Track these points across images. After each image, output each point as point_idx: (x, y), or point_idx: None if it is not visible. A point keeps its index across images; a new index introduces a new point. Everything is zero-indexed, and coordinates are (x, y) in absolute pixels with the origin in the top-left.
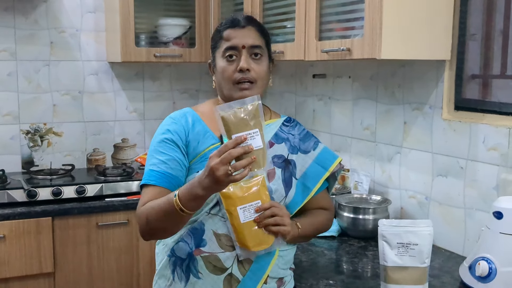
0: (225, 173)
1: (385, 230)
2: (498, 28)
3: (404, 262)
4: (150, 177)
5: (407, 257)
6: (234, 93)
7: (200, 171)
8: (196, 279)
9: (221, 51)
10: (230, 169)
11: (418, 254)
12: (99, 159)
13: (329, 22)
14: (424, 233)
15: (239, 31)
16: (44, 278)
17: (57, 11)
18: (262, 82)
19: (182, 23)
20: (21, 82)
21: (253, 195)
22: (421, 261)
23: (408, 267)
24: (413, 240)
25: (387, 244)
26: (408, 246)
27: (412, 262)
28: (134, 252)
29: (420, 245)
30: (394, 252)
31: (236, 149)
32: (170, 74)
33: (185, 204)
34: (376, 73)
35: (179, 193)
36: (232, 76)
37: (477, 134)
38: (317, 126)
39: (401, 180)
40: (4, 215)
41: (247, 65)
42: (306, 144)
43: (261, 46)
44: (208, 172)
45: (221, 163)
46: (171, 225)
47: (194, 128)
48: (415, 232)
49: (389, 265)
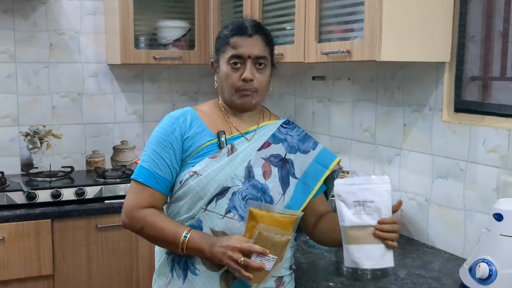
0: (235, 260)
1: (341, 189)
2: (498, 30)
3: (362, 221)
4: (139, 174)
5: (364, 215)
6: (235, 99)
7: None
8: (194, 276)
9: (227, 57)
10: (241, 259)
11: (376, 211)
12: (98, 161)
13: (328, 24)
14: (380, 190)
15: (246, 40)
16: (44, 280)
17: (57, 13)
18: (263, 90)
19: (182, 25)
20: (20, 84)
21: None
22: (379, 218)
23: (366, 226)
24: (369, 198)
25: (344, 204)
26: (365, 204)
27: (370, 220)
28: (134, 254)
29: (376, 202)
30: (351, 212)
31: (258, 248)
32: (170, 76)
33: (188, 249)
34: (376, 75)
35: (190, 239)
36: (236, 83)
37: (477, 136)
38: (317, 128)
39: (401, 182)
40: (4, 217)
41: (251, 75)
42: (306, 145)
43: (266, 56)
44: (225, 247)
45: (240, 250)
46: (162, 246)
47: (192, 126)
48: (371, 189)
49: (347, 225)
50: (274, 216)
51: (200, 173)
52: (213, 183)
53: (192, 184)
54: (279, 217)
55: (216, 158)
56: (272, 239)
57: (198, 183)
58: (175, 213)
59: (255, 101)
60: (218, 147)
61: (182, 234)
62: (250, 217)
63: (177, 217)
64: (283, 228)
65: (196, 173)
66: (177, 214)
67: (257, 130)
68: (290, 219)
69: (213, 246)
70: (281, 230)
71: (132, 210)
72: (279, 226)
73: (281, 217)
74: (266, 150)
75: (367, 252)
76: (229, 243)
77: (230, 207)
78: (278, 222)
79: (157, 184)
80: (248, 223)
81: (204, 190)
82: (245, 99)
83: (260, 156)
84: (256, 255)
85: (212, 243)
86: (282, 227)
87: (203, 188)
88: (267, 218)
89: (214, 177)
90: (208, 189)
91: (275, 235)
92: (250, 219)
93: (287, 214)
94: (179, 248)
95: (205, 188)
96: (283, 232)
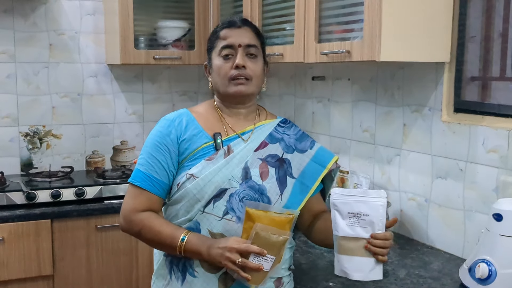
0: (233, 260)
1: (337, 199)
2: (497, 30)
3: (355, 233)
4: (136, 177)
5: (358, 227)
6: (229, 89)
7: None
8: (192, 278)
9: (218, 50)
10: (239, 260)
11: (369, 225)
12: (98, 161)
13: (328, 24)
14: (376, 204)
15: (235, 30)
16: (43, 280)
17: (56, 13)
18: (257, 80)
19: (181, 26)
20: (20, 84)
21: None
22: (372, 232)
23: (359, 238)
24: (364, 211)
25: (339, 214)
26: (359, 216)
27: (363, 233)
28: (133, 254)
29: (371, 215)
30: (345, 222)
31: (255, 248)
32: (169, 76)
33: (186, 252)
34: (376, 75)
35: (187, 241)
36: (228, 72)
37: (476, 136)
38: (317, 128)
39: (400, 182)
40: (3, 218)
41: (243, 62)
42: (303, 144)
43: (256, 46)
44: (222, 248)
45: (237, 250)
46: (160, 249)
47: (188, 129)
48: (366, 202)
49: (340, 235)
50: (271, 216)
51: (196, 175)
52: (210, 185)
53: (189, 187)
54: (276, 216)
55: (212, 160)
56: (270, 239)
57: (195, 185)
58: (172, 216)
59: (251, 91)
60: (214, 149)
61: (179, 237)
62: (247, 218)
63: (175, 220)
64: (280, 228)
65: (193, 175)
66: (175, 216)
67: (254, 130)
68: (287, 218)
69: (210, 248)
70: (278, 230)
71: (129, 214)
72: (276, 225)
73: (278, 217)
74: (263, 150)
75: (357, 264)
76: (226, 244)
77: (228, 209)
78: (275, 222)
79: (154, 188)
80: (245, 223)
81: (201, 193)
82: (239, 88)
83: (257, 157)
84: (254, 256)
85: (209, 245)
86: (279, 226)
87: (200, 190)
88: (264, 218)
89: (211, 179)
90: (205, 192)
91: (272, 235)
92: (247, 220)
93: (284, 213)
94: (177, 251)
95: (202, 191)
96: (280, 232)
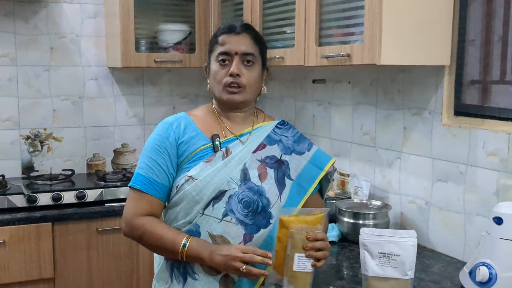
0: (237, 268)
1: (367, 239)
2: (498, 33)
3: (385, 273)
4: (136, 181)
5: (389, 267)
6: (223, 95)
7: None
8: (193, 281)
9: (215, 55)
10: (243, 267)
11: (400, 265)
12: (99, 164)
13: (329, 28)
14: (407, 244)
15: (233, 37)
16: (44, 283)
17: (57, 16)
18: (252, 88)
19: (182, 29)
20: (21, 88)
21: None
22: (403, 272)
23: (389, 278)
24: (395, 251)
25: (368, 253)
26: (390, 256)
27: (394, 273)
28: (134, 257)
29: (402, 256)
30: (375, 262)
31: (258, 258)
32: (170, 79)
33: (188, 257)
34: (376, 79)
35: (189, 247)
36: (223, 79)
37: (476, 140)
38: (317, 131)
39: (401, 185)
40: (4, 221)
41: (238, 70)
42: (301, 146)
43: (253, 54)
44: (226, 256)
45: (241, 259)
46: (162, 254)
47: (186, 131)
48: (397, 243)
49: (370, 275)
50: (303, 219)
51: (195, 177)
52: (209, 187)
53: (188, 189)
54: (307, 218)
55: (211, 162)
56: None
57: (194, 187)
58: (172, 219)
59: (243, 99)
60: (212, 151)
61: (181, 243)
62: (281, 225)
63: (175, 223)
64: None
65: (192, 177)
66: (174, 219)
67: (252, 132)
68: (317, 218)
69: (212, 254)
70: (311, 227)
71: (131, 218)
72: (310, 225)
73: (309, 218)
74: (261, 152)
75: None
76: (229, 252)
77: (227, 211)
78: (307, 223)
79: (155, 190)
80: (279, 232)
81: (200, 195)
82: (232, 96)
83: (255, 158)
84: (299, 258)
85: (211, 251)
86: (312, 225)
87: (199, 192)
88: (297, 222)
89: (209, 181)
90: (204, 193)
91: (307, 233)
92: (281, 227)
93: (314, 214)
94: (178, 256)
95: (201, 193)
96: (313, 228)
